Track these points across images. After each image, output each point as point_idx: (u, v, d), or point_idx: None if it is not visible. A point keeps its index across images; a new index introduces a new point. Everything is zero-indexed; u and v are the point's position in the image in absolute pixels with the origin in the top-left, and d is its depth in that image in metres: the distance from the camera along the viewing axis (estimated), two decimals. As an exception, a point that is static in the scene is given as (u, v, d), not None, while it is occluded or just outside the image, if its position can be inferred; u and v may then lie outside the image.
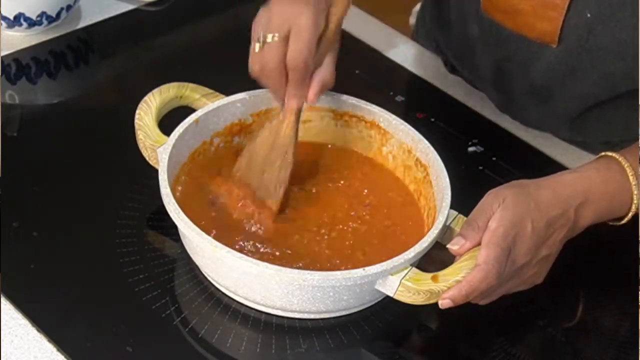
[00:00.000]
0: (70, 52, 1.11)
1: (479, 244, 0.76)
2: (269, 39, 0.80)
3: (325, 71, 0.83)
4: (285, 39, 0.79)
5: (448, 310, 0.76)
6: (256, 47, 0.81)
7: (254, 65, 0.82)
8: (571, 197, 0.80)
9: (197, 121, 0.87)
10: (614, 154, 0.84)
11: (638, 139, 0.86)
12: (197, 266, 0.83)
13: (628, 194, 0.83)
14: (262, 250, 0.81)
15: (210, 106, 0.88)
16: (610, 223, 0.85)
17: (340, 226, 0.85)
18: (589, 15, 0.90)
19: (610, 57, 0.92)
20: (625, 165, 0.83)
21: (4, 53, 1.06)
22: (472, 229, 0.77)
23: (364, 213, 0.87)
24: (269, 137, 0.86)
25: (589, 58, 0.93)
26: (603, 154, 0.85)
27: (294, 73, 0.81)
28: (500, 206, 0.77)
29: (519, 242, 0.77)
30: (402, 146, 0.91)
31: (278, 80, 0.82)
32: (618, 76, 0.93)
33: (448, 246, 0.78)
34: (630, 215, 0.84)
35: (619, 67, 0.92)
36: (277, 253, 0.81)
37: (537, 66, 0.97)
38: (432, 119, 1.06)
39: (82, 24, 1.14)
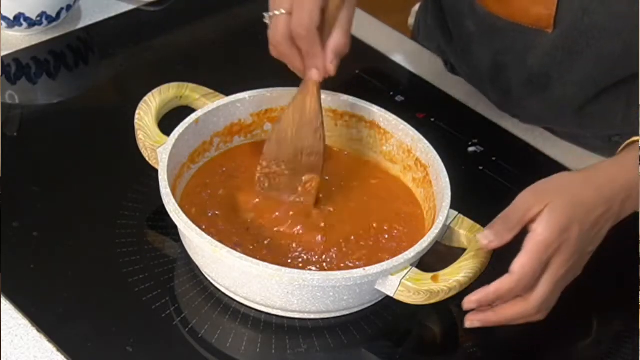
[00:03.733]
0: (70, 52, 1.11)
1: (507, 242, 0.74)
2: (276, 13, 0.80)
3: (336, 38, 0.82)
4: (290, 12, 0.80)
5: (448, 310, 0.76)
6: (269, 25, 0.82)
7: (270, 43, 0.82)
8: (615, 194, 0.78)
9: (197, 121, 0.87)
10: None
11: (638, 134, 0.85)
12: (197, 266, 0.83)
13: None
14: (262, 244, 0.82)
15: (210, 106, 0.88)
16: None
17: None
18: None
19: (607, 34, 0.92)
20: None
21: (4, 53, 1.06)
22: (506, 228, 0.74)
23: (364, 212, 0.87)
24: (295, 115, 0.85)
25: (585, 39, 0.93)
26: (634, 138, 0.82)
27: (300, 42, 0.81)
28: (546, 210, 0.74)
29: (564, 249, 0.74)
30: (402, 146, 0.91)
31: (289, 52, 0.82)
32: (615, 57, 0.93)
33: (478, 236, 0.76)
34: None
35: (616, 46, 0.92)
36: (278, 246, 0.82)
37: (534, 54, 0.97)
38: (432, 119, 1.06)
39: (82, 24, 1.14)
